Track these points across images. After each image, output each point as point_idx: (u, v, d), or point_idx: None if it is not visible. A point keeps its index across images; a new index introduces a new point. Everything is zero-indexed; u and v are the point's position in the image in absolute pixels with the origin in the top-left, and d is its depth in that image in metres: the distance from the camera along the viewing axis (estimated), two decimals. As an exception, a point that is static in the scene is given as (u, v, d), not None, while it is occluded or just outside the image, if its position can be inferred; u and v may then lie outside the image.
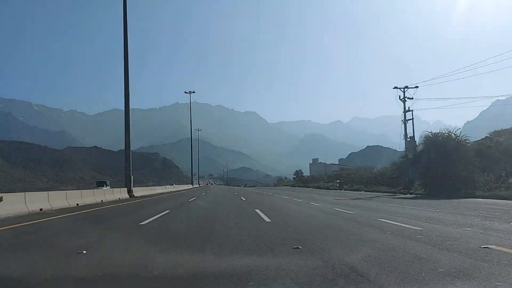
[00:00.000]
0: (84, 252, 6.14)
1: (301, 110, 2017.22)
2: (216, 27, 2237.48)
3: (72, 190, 27.44)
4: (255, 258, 5.66)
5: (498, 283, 4.10)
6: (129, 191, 29.88)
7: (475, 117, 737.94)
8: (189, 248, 6.69)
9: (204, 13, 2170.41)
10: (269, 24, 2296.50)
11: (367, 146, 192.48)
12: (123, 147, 32.72)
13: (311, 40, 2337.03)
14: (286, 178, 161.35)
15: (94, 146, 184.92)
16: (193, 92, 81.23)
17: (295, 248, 6.30)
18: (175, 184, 61.46)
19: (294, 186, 78.16)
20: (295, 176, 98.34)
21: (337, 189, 49.89)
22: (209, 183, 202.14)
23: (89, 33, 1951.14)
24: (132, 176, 30.69)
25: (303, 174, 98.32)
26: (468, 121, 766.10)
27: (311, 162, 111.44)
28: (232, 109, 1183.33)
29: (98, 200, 22.14)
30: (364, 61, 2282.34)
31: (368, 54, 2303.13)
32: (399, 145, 37.52)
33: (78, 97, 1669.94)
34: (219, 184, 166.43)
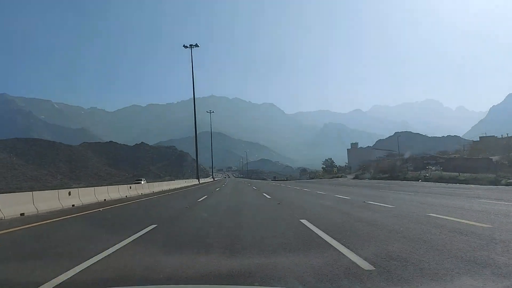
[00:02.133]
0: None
1: (319, 99, 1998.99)
2: (233, 22, 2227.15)
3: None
4: None
5: None
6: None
7: (501, 101, 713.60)
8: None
9: (223, 6, 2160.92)
10: (289, 16, 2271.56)
11: (395, 133, 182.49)
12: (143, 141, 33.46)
13: (328, 30, 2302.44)
14: (307, 169, 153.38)
15: (110, 141, 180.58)
16: (196, 45, 57.77)
17: None
18: (186, 180, 56.46)
19: (338, 177, 63.11)
20: (324, 166, 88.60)
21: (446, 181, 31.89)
22: (227, 176, 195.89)
23: (111, 32, 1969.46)
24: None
25: (334, 163, 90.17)
26: (493, 106, 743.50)
27: (349, 147, 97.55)
28: (249, 101, 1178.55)
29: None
30: (383, 49, 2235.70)
31: (388, 42, 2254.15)
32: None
33: (99, 94, 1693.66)
34: (238, 177, 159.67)
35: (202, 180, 70.35)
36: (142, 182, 47.34)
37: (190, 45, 57.81)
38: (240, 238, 6.82)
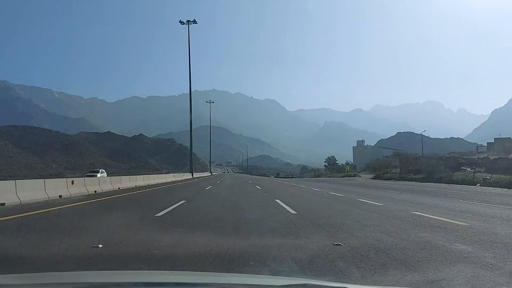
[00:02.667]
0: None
1: (321, 97, 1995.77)
2: (240, 16, 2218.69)
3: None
4: None
5: None
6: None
7: (503, 104, 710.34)
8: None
9: (224, 4, 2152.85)
10: (291, 12, 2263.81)
11: (398, 133, 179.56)
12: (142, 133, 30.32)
13: (332, 29, 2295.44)
14: (308, 167, 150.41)
15: (108, 132, 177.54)
16: (194, 21, 55.42)
17: None
18: (175, 174, 50.89)
19: (351, 176, 52.19)
20: (326, 164, 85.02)
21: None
22: (226, 171, 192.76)
23: (113, 22, 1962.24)
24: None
25: (337, 162, 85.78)
26: (496, 109, 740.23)
27: (355, 145, 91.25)
28: (251, 96, 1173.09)
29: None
30: (386, 50, 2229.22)
31: (392, 42, 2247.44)
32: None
33: (99, 84, 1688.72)
34: (237, 172, 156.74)
35: (197, 175, 65.29)
36: (99, 175, 38.67)
37: (187, 21, 55.32)
38: None
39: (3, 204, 11.90)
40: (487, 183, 26.02)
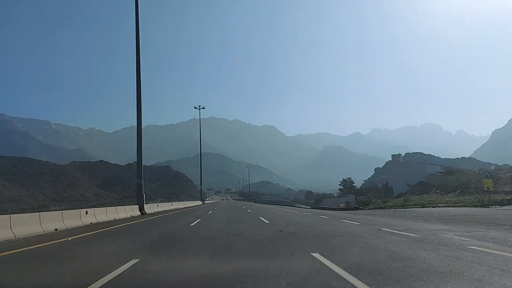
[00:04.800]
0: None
1: (319, 122, 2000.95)
2: (232, 42, 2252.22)
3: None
4: None
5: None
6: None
7: (504, 124, 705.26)
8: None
9: (219, 29, 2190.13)
10: (284, 38, 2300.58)
11: (406, 153, 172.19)
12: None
13: (327, 53, 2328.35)
14: (312, 192, 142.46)
15: (100, 160, 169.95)
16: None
17: None
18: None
19: (429, 206, 27.95)
20: (342, 187, 74.62)
21: None
22: (225, 198, 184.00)
23: (108, 51, 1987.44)
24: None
25: (354, 184, 75.35)
26: (496, 129, 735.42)
27: (390, 159, 74.96)
28: (249, 123, 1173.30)
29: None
30: (382, 72, 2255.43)
31: (386, 65, 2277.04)
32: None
33: (97, 115, 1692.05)
34: (237, 200, 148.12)
35: (176, 205, 48.17)
36: None
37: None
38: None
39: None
40: None
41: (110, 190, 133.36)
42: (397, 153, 77.39)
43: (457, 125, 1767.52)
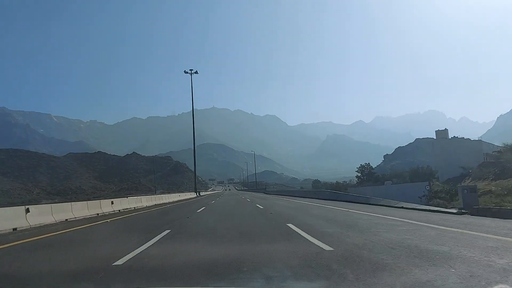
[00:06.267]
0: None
1: (322, 111, 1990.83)
2: (233, 32, 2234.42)
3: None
4: None
5: None
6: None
7: (509, 110, 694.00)
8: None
9: (222, 19, 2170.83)
10: (286, 27, 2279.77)
11: (417, 139, 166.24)
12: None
13: (328, 42, 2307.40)
14: (319, 181, 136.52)
15: (98, 151, 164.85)
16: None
17: None
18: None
19: None
20: (360, 175, 63.20)
21: None
22: (227, 188, 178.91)
23: (110, 44, 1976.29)
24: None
25: (373, 170, 65.32)
26: (501, 115, 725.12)
27: (434, 138, 60.98)
28: (251, 113, 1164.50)
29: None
30: (384, 60, 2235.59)
31: (388, 53, 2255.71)
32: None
33: (99, 107, 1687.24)
34: (240, 190, 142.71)
35: (147, 201, 29.99)
36: None
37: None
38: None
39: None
40: None
41: (108, 182, 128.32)
42: (443, 128, 61.73)
43: (461, 111, 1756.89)
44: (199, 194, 66.81)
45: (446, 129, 61.18)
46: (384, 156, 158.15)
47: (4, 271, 5.83)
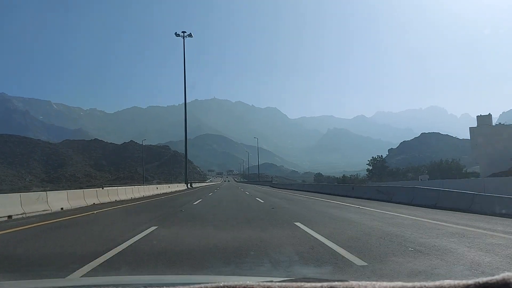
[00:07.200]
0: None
1: (323, 105, 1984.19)
2: (235, 24, 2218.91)
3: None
4: None
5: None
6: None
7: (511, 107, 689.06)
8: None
9: (223, 11, 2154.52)
10: (289, 20, 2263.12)
11: (422, 133, 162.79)
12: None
13: (331, 35, 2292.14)
14: (322, 174, 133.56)
15: (95, 139, 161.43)
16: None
17: None
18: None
19: None
20: (371, 168, 56.94)
21: None
22: (226, 180, 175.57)
23: (111, 32, 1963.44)
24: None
25: (386, 164, 59.84)
26: (504, 112, 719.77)
27: (475, 125, 53.02)
28: (252, 105, 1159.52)
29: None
30: (386, 55, 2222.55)
31: (391, 48, 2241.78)
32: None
33: (99, 95, 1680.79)
34: (240, 182, 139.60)
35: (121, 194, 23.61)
36: None
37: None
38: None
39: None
40: None
41: (104, 171, 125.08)
42: (487, 114, 53.65)
43: (462, 108, 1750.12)
44: (191, 185, 58.34)
45: (489, 114, 53.02)
46: (388, 150, 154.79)
47: None
